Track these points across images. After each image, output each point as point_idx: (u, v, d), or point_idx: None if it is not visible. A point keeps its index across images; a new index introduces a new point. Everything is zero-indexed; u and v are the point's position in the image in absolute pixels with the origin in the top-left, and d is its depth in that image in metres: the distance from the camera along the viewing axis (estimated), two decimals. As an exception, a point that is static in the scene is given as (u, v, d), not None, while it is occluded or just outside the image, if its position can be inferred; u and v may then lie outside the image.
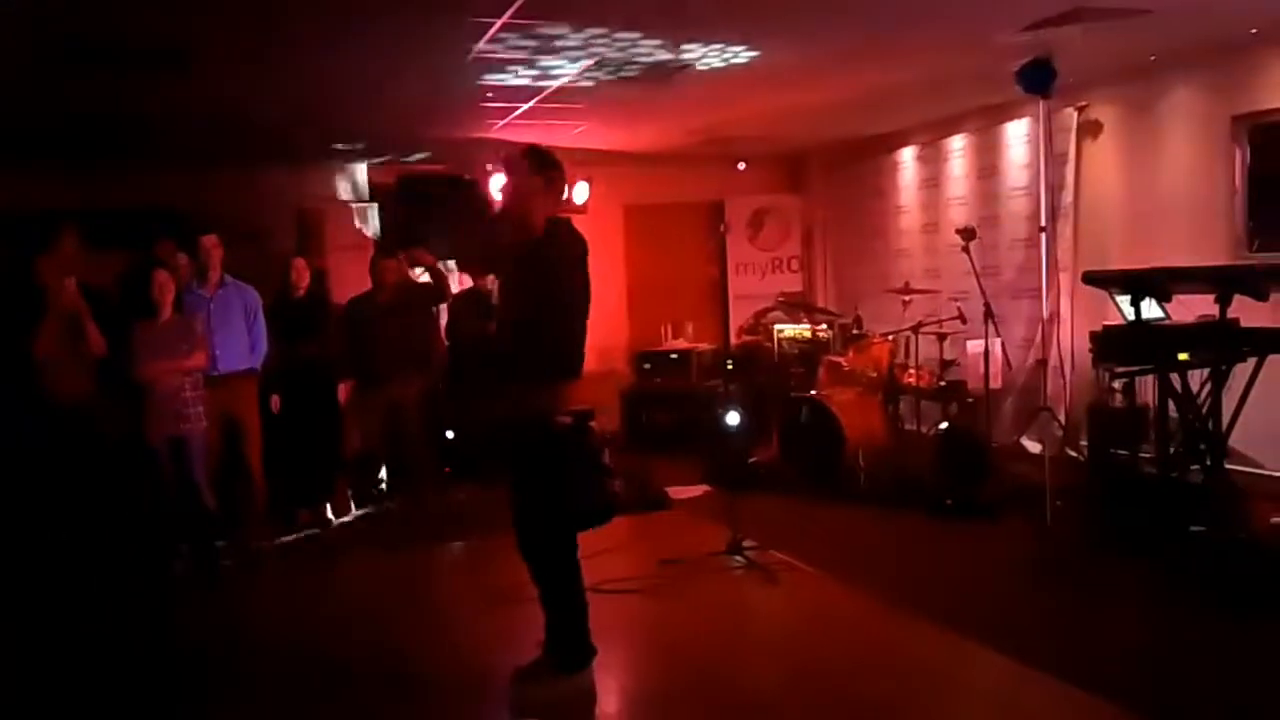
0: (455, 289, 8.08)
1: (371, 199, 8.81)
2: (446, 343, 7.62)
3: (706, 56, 5.56)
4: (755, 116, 7.67)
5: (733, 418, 6.22)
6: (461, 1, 4.49)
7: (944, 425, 6.51)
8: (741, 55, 5.59)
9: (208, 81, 5.63)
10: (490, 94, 6.38)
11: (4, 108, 6.16)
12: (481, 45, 5.18)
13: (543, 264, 3.66)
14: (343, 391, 6.66)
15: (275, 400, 6.27)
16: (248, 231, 7.38)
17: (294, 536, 6.35)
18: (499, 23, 4.81)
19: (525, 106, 6.81)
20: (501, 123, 7.34)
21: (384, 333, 6.61)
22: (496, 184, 7.84)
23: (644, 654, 4.31)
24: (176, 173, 7.76)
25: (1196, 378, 5.09)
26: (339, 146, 8.10)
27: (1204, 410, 5.06)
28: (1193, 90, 6.45)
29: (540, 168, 3.75)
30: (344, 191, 8.85)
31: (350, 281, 7.27)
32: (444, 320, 7.81)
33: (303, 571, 5.78)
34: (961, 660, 4.03)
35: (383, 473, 7.23)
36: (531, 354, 3.62)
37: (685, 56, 5.53)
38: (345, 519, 6.77)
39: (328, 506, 6.75)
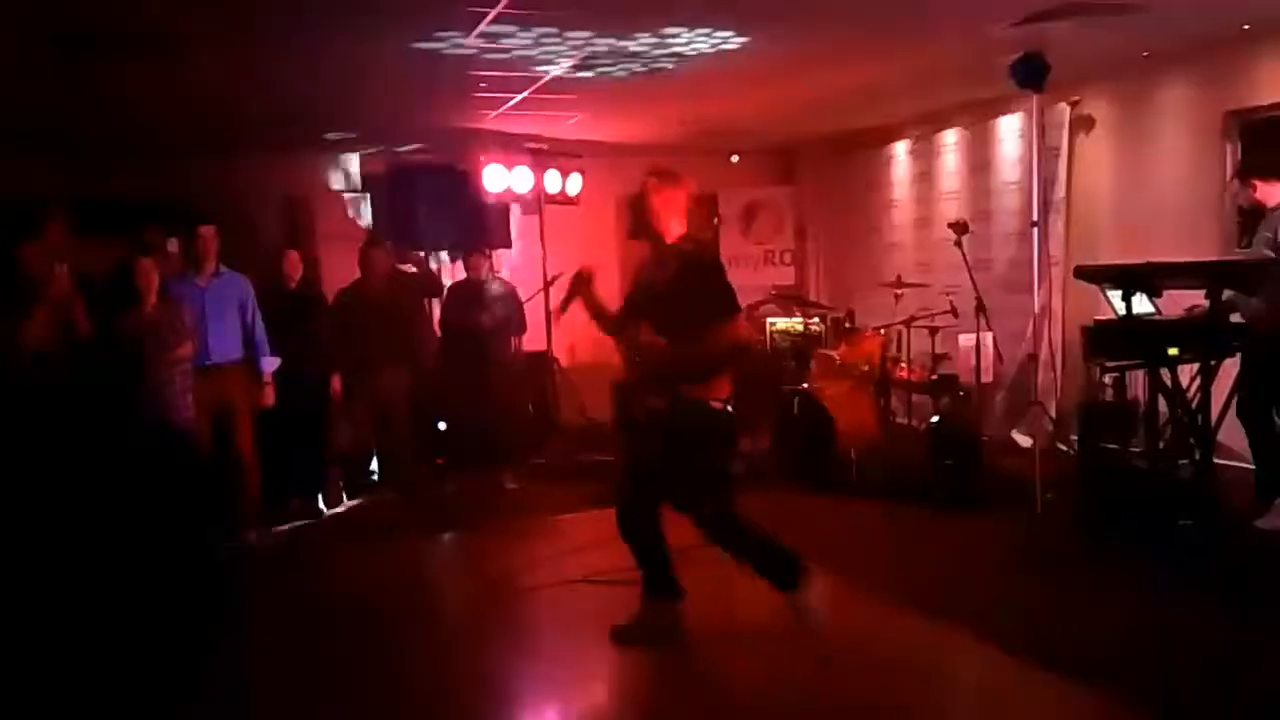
0: (447, 281, 8.10)
1: (363, 189, 8.78)
2: (439, 334, 7.62)
3: (694, 42, 5.51)
4: (748, 109, 7.67)
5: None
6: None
7: (935, 419, 6.53)
8: (731, 41, 5.55)
9: (197, 68, 5.60)
10: (483, 84, 6.37)
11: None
12: (474, 35, 5.17)
13: (714, 270, 4.04)
14: (336, 382, 6.66)
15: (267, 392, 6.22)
16: (236, 220, 7.36)
17: (286, 527, 6.34)
18: (493, 13, 4.80)
19: (519, 97, 6.80)
20: (495, 113, 7.32)
21: (374, 324, 6.60)
22: (490, 175, 7.83)
23: (633, 645, 4.31)
24: (166, 161, 7.73)
25: (1186, 372, 5.12)
26: (330, 135, 8.07)
27: (1193, 405, 5.09)
28: (1185, 86, 6.48)
29: (672, 185, 4.13)
30: (335, 181, 8.81)
31: (341, 272, 7.26)
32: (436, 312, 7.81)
33: (294, 562, 5.77)
34: (950, 651, 4.05)
35: (374, 464, 7.23)
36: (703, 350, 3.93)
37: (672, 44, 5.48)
38: (337, 510, 6.77)
39: (319, 497, 6.75)
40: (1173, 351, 4.95)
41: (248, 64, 5.67)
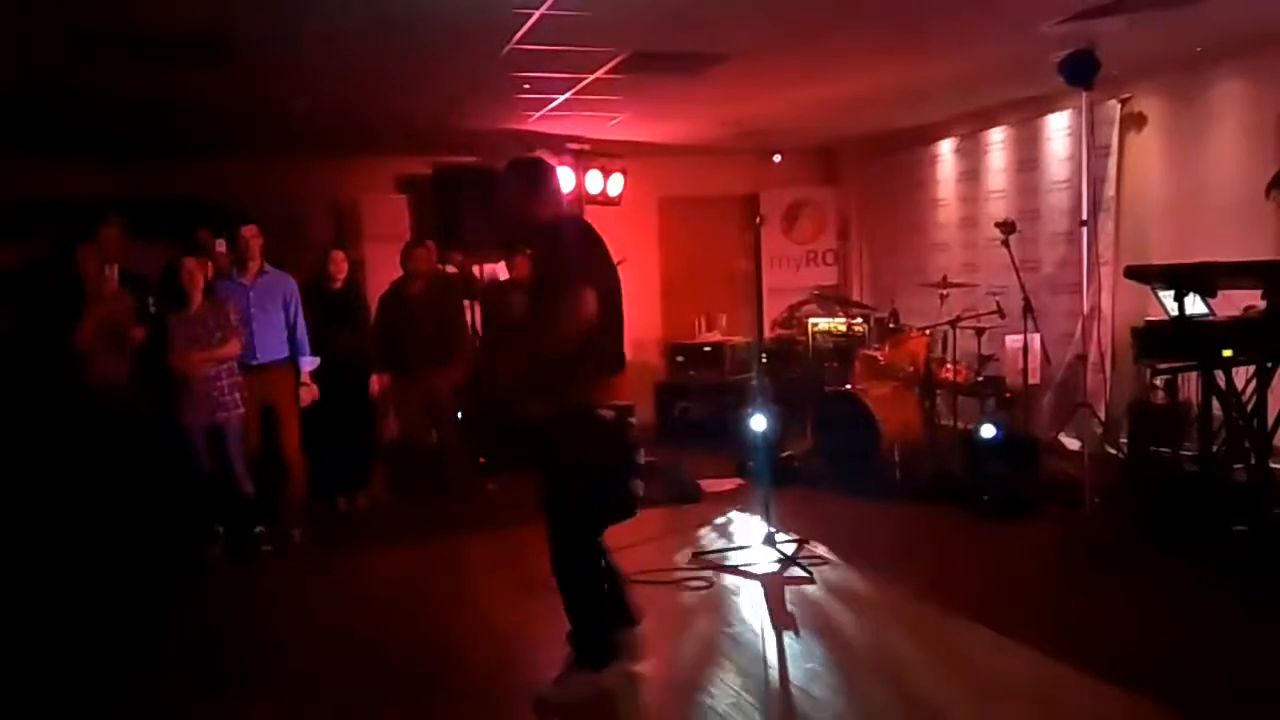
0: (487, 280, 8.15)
1: (407, 190, 8.87)
2: (480, 333, 7.66)
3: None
4: (791, 108, 7.63)
5: (760, 421, 5.71)
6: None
7: (990, 424, 6.35)
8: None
9: (247, 72, 5.69)
10: (526, 85, 6.39)
11: (47, 98, 6.26)
12: (519, 38, 5.19)
13: (563, 260, 3.66)
14: (376, 382, 6.72)
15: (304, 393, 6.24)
16: (286, 222, 7.47)
17: (330, 524, 6.42)
18: (537, 14, 4.81)
19: (561, 99, 6.82)
20: (538, 114, 7.35)
21: (418, 322, 6.66)
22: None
23: (676, 646, 4.31)
24: (216, 163, 7.87)
25: (1241, 375, 5.00)
26: (376, 138, 8.16)
27: (1249, 408, 4.97)
28: (1239, 82, 6.33)
29: (523, 175, 3.81)
30: (381, 183, 8.91)
31: (386, 272, 7.33)
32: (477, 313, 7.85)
33: (338, 559, 5.84)
34: (996, 656, 3.99)
35: (416, 461, 7.29)
36: (576, 348, 3.56)
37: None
38: (381, 508, 6.83)
39: (364, 495, 6.82)
40: (1227, 353, 4.84)
41: (296, 68, 5.74)
